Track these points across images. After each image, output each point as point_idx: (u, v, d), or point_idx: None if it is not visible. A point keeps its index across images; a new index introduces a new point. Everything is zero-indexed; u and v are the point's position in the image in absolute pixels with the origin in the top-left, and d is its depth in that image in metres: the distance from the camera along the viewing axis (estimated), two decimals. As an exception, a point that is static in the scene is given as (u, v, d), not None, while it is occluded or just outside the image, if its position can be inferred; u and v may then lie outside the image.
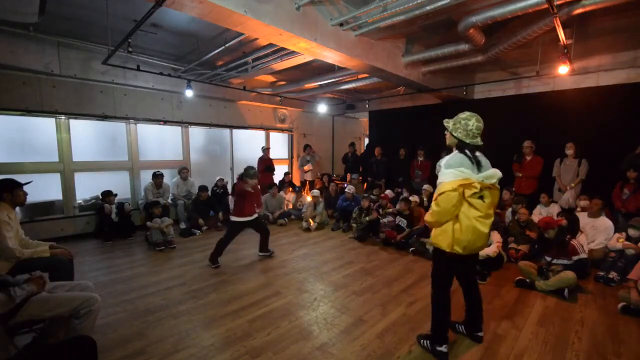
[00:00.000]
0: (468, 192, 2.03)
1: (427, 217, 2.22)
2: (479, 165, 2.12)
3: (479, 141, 2.16)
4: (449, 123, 2.24)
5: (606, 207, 4.51)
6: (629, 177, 4.38)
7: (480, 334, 2.50)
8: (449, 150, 2.30)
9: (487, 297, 3.26)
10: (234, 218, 4.20)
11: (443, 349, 2.27)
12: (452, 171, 2.08)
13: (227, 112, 7.36)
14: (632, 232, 3.75)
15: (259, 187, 4.46)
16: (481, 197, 2.07)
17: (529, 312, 2.98)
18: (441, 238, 2.16)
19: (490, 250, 3.83)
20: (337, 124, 10.28)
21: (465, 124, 2.15)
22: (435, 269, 2.35)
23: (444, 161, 2.17)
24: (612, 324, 2.79)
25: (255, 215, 4.35)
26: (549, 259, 3.52)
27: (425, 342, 2.39)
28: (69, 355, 1.64)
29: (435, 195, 2.15)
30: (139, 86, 5.76)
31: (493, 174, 2.13)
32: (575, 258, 3.42)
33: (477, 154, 2.18)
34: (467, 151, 2.15)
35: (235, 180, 7.42)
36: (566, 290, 3.22)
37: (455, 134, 2.19)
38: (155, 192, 5.80)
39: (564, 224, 3.72)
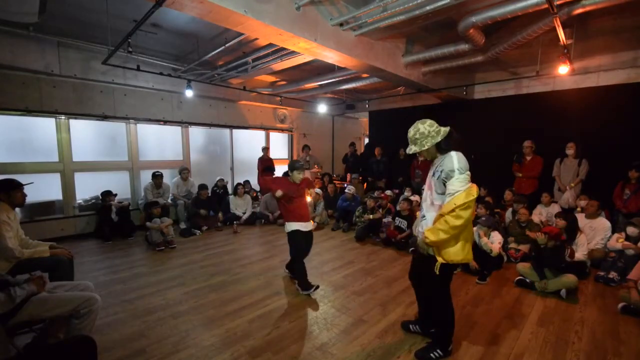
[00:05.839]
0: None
1: (439, 235, 1.91)
2: None
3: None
4: (422, 144, 2.03)
5: (605, 208, 4.50)
6: (630, 177, 4.38)
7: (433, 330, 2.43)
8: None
9: (487, 297, 3.27)
10: (294, 226, 3.28)
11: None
12: (465, 176, 1.90)
13: (227, 112, 7.36)
14: (630, 230, 3.74)
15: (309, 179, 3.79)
16: None
17: (529, 312, 2.98)
18: (454, 252, 1.97)
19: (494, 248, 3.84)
20: (337, 124, 10.28)
21: (430, 125, 2.02)
22: (442, 281, 2.18)
23: (456, 164, 1.92)
24: (612, 324, 2.79)
25: (312, 225, 3.50)
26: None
27: (435, 353, 2.27)
28: (69, 355, 1.64)
29: (448, 207, 1.89)
30: (139, 86, 5.76)
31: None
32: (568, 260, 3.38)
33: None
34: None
35: (235, 181, 7.43)
36: (563, 291, 3.21)
37: (435, 141, 2.00)
38: (155, 192, 5.80)
39: (564, 239, 3.56)
